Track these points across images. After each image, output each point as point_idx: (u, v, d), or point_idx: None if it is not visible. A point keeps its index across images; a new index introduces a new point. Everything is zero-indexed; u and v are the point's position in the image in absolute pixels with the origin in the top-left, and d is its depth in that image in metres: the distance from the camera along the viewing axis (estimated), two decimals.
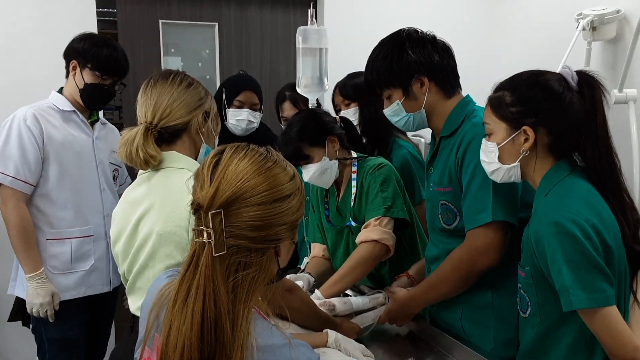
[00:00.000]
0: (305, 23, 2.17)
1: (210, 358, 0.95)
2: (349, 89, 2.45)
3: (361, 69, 2.63)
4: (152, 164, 1.51)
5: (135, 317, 1.57)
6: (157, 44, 3.37)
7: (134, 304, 1.58)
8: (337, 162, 2.06)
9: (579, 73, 1.44)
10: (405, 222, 2.05)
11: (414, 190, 2.27)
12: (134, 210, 1.53)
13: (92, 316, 2.48)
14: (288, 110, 2.61)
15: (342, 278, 1.94)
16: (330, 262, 2.27)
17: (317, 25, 2.23)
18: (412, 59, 1.72)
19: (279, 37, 3.59)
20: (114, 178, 2.51)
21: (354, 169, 2.09)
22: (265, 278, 1.03)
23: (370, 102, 2.27)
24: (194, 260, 1.00)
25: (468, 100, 1.78)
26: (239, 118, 2.56)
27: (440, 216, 1.78)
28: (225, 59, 3.52)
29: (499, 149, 1.48)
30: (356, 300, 1.91)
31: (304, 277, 2.08)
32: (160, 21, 3.36)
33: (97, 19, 3.08)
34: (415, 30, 1.77)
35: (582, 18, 2.76)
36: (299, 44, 2.20)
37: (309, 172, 2.01)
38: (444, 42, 1.78)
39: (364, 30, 3.40)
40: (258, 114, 2.61)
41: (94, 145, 2.41)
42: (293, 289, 1.67)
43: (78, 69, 2.31)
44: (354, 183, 2.08)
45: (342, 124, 2.15)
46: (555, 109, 1.41)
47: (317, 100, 2.33)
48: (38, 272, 2.26)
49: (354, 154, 2.13)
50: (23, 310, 2.41)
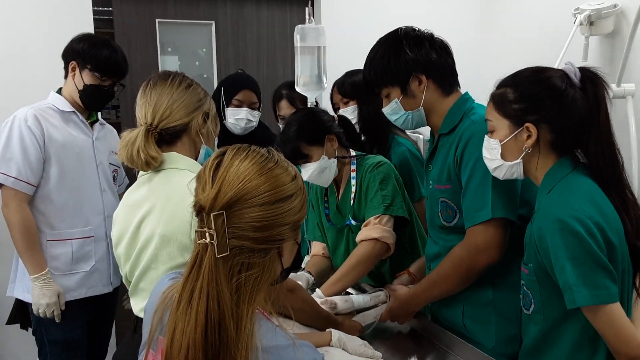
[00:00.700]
0: (301, 21, 2.17)
1: (214, 359, 0.96)
2: (347, 87, 2.45)
3: (359, 67, 2.65)
4: (153, 165, 1.51)
5: (138, 319, 1.57)
6: (153, 43, 3.36)
7: (137, 305, 1.58)
8: (336, 160, 2.06)
9: (582, 69, 1.44)
10: (405, 220, 2.05)
11: (413, 188, 2.27)
12: (135, 212, 1.53)
13: (93, 317, 2.47)
14: (285, 108, 2.61)
15: (343, 277, 1.95)
16: (330, 261, 2.28)
17: (315, 23, 2.23)
18: (409, 57, 1.72)
19: (276, 36, 3.58)
20: (114, 179, 2.51)
21: (353, 167, 2.09)
22: (269, 278, 1.03)
23: (369, 100, 2.27)
24: (197, 261, 1.00)
25: (467, 97, 1.78)
26: (238, 117, 2.56)
27: (440, 213, 1.78)
28: (223, 57, 3.51)
29: (501, 145, 1.47)
30: (357, 299, 1.91)
31: (303, 277, 2.08)
32: (156, 20, 3.35)
33: (94, 18, 3.08)
34: (413, 29, 1.77)
35: (579, 13, 2.76)
36: (297, 43, 2.20)
37: (308, 171, 2.01)
38: (441, 40, 1.78)
39: (361, 28, 3.39)
40: (257, 113, 2.61)
41: (94, 146, 2.40)
42: (295, 288, 1.67)
43: (77, 70, 2.29)
44: (353, 182, 2.08)
45: (340, 122, 2.15)
46: (558, 106, 1.40)
47: (315, 99, 2.32)
48: (43, 272, 2.24)
49: (353, 153, 2.13)
50: (22, 313, 2.40)
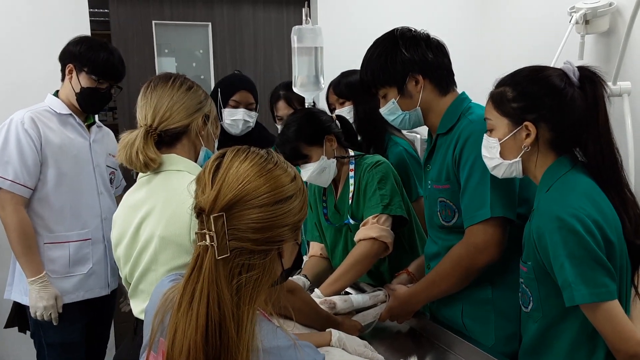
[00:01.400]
0: (298, 22, 2.17)
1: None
2: (342, 87, 2.45)
3: (355, 68, 2.65)
4: (152, 167, 1.51)
5: (138, 320, 1.57)
6: (150, 45, 3.35)
7: (137, 307, 1.58)
8: (335, 160, 2.06)
9: (581, 69, 1.44)
10: (404, 220, 2.05)
11: (410, 187, 2.27)
12: (134, 214, 1.53)
13: (91, 319, 2.47)
14: (282, 109, 2.61)
15: (342, 276, 1.95)
16: (328, 261, 2.28)
17: (311, 24, 2.24)
18: (406, 58, 1.72)
19: (272, 37, 3.58)
20: (111, 181, 2.51)
21: (352, 167, 2.10)
22: (269, 280, 1.03)
23: (365, 100, 2.28)
24: (197, 263, 1.00)
25: (464, 97, 1.79)
26: (235, 118, 2.57)
27: (438, 213, 1.78)
28: (220, 58, 3.51)
29: (500, 144, 1.48)
30: (357, 298, 1.91)
31: (299, 281, 2.07)
32: (153, 22, 3.34)
33: (90, 20, 3.07)
34: (409, 29, 1.78)
35: (575, 11, 2.77)
36: (294, 44, 2.20)
37: (308, 172, 2.02)
38: (437, 40, 1.78)
39: (358, 29, 3.40)
40: (254, 114, 2.62)
41: (91, 149, 2.38)
42: (294, 289, 1.67)
43: (74, 73, 2.28)
44: (351, 181, 2.08)
45: (338, 122, 2.15)
46: (557, 104, 1.41)
47: (313, 99, 2.33)
48: (40, 275, 2.24)
49: (352, 152, 2.14)
50: (20, 316, 2.40)
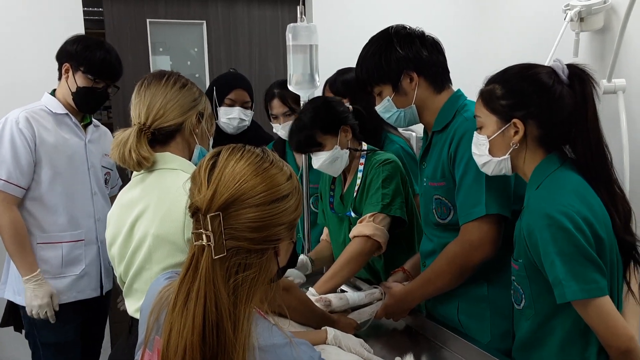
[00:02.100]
0: (293, 20, 2.17)
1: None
2: (339, 85, 2.44)
3: (351, 65, 2.65)
4: (145, 165, 1.50)
5: (133, 319, 1.56)
6: (144, 43, 3.34)
7: (132, 306, 1.57)
8: (348, 152, 2.07)
9: (570, 66, 1.45)
10: (404, 221, 2.05)
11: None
12: (129, 213, 1.52)
13: (85, 319, 2.46)
14: (277, 107, 2.59)
15: (336, 274, 1.95)
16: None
17: (306, 22, 2.23)
18: (400, 55, 1.73)
19: (267, 35, 3.58)
20: (106, 181, 2.49)
21: (362, 161, 2.10)
22: (266, 278, 1.03)
23: (361, 97, 2.27)
24: (193, 263, 0.99)
25: (459, 94, 1.79)
26: (231, 116, 2.57)
27: (434, 211, 1.78)
28: (214, 57, 3.50)
29: (489, 141, 1.49)
30: (352, 296, 1.91)
31: (302, 259, 2.13)
32: (147, 20, 3.33)
33: (84, 19, 3.06)
34: (404, 27, 1.78)
35: (569, 9, 2.77)
36: (289, 41, 2.20)
37: (320, 160, 2.02)
38: (432, 37, 1.79)
39: (353, 26, 3.39)
40: (249, 112, 2.62)
41: (86, 149, 2.36)
42: (290, 287, 1.67)
43: (71, 72, 2.26)
44: (359, 175, 2.09)
45: (355, 115, 2.13)
46: (545, 102, 1.41)
47: (308, 97, 2.32)
48: (34, 273, 2.22)
49: (365, 146, 2.14)
50: (15, 315, 2.38)
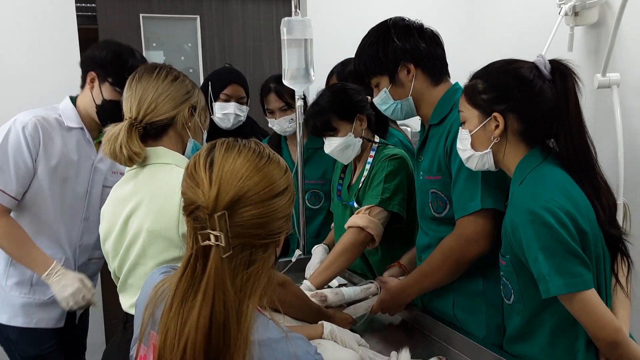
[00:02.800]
0: (287, 14, 2.15)
1: (215, 358, 0.95)
2: (347, 75, 2.43)
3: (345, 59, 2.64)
4: (137, 160, 1.49)
5: (127, 315, 1.55)
6: (138, 39, 3.31)
7: (126, 301, 1.56)
8: (361, 140, 2.08)
9: (552, 62, 1.46)
10: (402, 218, 2.05)
11: None
12: (122, 208, 1.51)
13: (65, 328, 2.22)
14: (273, 102, 2.59)
15: (330, 265, 1.97)
16: None
17: (301, 16, 2.22)
18: (397, 47, 1.72)
19: (261, 29, 3.56)
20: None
21: (372, 153, 2.11)
22: (268, 271, 1.03)
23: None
24: (192, 263, 0.98)
25: (457, 88, 1.78)
26: (226, 112, 2.56)
27: (430, 204, 1.78)
28: (208, 52, 3.48)
29: (471, 136, 1.50)
30: (348, 291, 1.90)
31: (320, 248, 2.28)
32: (140, 15, 3.31)
33: (77, 14, 3.03)
34: (402, 19, 1.77)
35: (564, 3, 2.76)
36: (284, 36, 2.19)
37: (332, 145, 2.04)
38: (431, 30, 1.78)
39: (347, 21, 3.39)
40: (245, 108, 2.61)
41: (92, 170, 2.13)
42: (285, 282, 1.66)
43: (97, 82, 2.04)
44: (367, 166, 2.10)
45: (372, 106, 2.11)
46: (525, 96, 1.42)
47: (304, 92, 2.31)
48: (51, 267, 2.00)
49: (377, 139, 2.14)
50: None
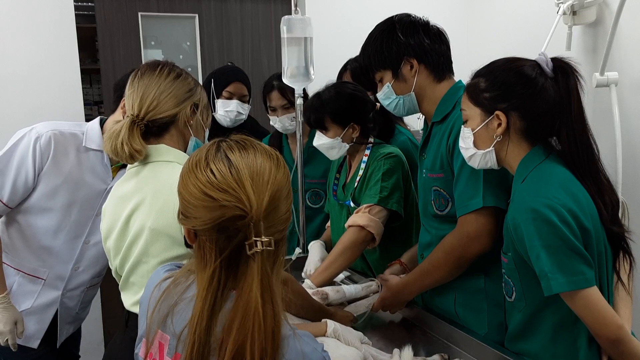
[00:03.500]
0: (285, 13, 2.15)
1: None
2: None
3: (345, 58, 2.64)
4: (138, 158, 1.48)
5: (129, 313, 1.54)
6: (136, 38, 3.31)
7: (128, 299, 1.56)
8: (348, 146, 2.10)
9: (554, 60, 1.46)
10: (400, 216, 2.05)
11: (415, 176, 2.26)
12: (124, 206, 1.51)
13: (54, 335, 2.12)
14: (276, 100, 2.58)
15: (331, 264, 1.97)
16: None
17: (300, 14, 2.22)
18: (401, 41, 1.74)
19: (260, 28, 3.56)
20: None
21: (367, 152, 2.12)
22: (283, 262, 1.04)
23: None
24: (217, 275, 0.97)
25: (460, 85, 1.78)
26: (228, 109, 2.56)
27: (432, 202, 1.78)
28: (207, 50, 3.47)
29: (473, 134, 1.50)
30: (349, 289, 1.91)
31: (316, 244, 2.25)
32: (139, 14, 3.30)
33: (75, 14, 3.02)
34: (408, 15, 1.79)
35: (562, 2, 2.77)
36: (284, 34, 2.18)
37: (320, 141, 2.09)
38: (437, 27, 1.79)
39: (347, 19, 3.38)
40: (247, 106, 2.62)
41: (104, 196, 1.94)
42: (287, 280, 1.65)
43: None
44: (362, 166, 2.11)
45: (380, 111, 2.13)
46: (528, 94, 1.43)
47: (304, 89, 2.31)
48: (1, 295, 1.92)
49: (371, 139, 2.15)
50: None
